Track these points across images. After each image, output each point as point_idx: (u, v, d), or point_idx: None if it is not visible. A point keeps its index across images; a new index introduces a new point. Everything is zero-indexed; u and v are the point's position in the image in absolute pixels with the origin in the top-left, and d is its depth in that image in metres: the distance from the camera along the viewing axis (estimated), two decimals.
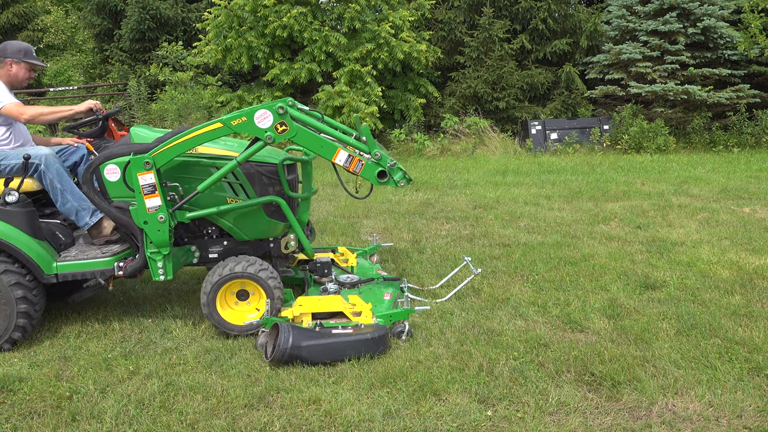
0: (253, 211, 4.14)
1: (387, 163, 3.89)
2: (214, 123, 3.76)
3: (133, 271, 3.98)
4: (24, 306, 3.82)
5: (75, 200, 4.10)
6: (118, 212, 3.90)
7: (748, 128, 14.08)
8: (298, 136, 3.81)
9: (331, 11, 14.27)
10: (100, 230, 4.21)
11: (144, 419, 3.03)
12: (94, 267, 3.95)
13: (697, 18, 14.10)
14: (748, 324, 3.97)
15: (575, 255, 5.63)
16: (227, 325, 3.98)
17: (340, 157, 3.87)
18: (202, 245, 4.28)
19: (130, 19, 17.14)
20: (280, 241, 4.36)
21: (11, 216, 3.84)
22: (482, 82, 15.18)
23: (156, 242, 3.84)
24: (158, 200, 3.77)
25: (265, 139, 3.75)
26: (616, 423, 2.94)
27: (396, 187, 4.00)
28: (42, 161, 4.04)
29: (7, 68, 4.29)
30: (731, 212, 7.30)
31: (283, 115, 3.73)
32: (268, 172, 4.13)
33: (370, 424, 2.95)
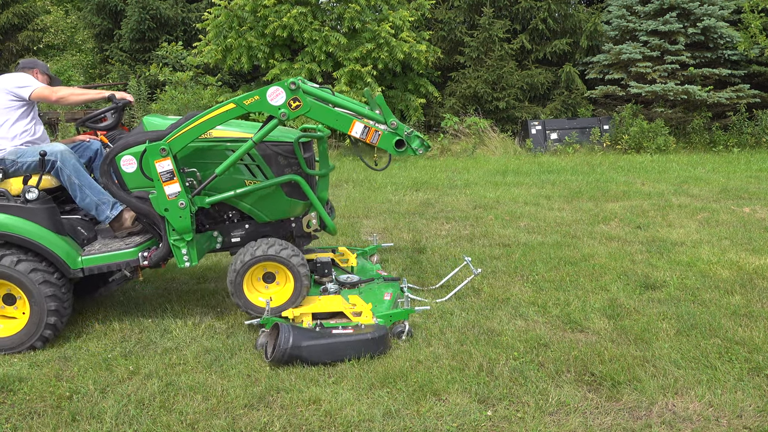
0: (272, 191, 4.11)
1: (404, 131, 3.88)
2: (227, 104, 3.74)
3: (158, 260, 3.99)
4: (54, 304, 3.83)
5: (94, 195, 4.11)
6: (139, 202, 3.90)
7: (748, 128, 14.08)
8: (313, 111, 3.79)
9: (331, 11, 14.27)
10: (121, 222, 4.22)
11: (144, 419, 3.04)
12: (118, 259, 3.96)
13: (697, 18, 14.10)
14: (748, 324, 3.97)
15: (575, 255, 5.63)
16: (254, 308, 3.97)
17: (356, 128, 3.85)
18: (224, 230, 4.27)
19: (130, 19, 17.14)
20: (302, 221, 4.35)
21: (33, 213, 3.85)
22: (482, 82, 15.17)
23: (178, 229, 3.83)
24: (177, 186, 3.76)
25: (279, 116, 3.74)
26: (616, 423, 2.94)
27: (414, 155, 3.97)
28: (58, 157, 4.05)
29: (33, 75, 4.45)
30: (731, 212, 7.30)
31: (295, 91, 3.72)
32: (284, 152, 4.11)
33: (370, 424, 2.95)
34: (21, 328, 3.84)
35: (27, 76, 4.30)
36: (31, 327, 3.82)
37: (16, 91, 4.19)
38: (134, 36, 17.33)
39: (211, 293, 4.89)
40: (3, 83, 4.21)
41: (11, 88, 4.19)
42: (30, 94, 4.19)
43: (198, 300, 4.75)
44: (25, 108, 4.27)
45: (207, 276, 5.40)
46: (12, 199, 3.89)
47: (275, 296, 4.02)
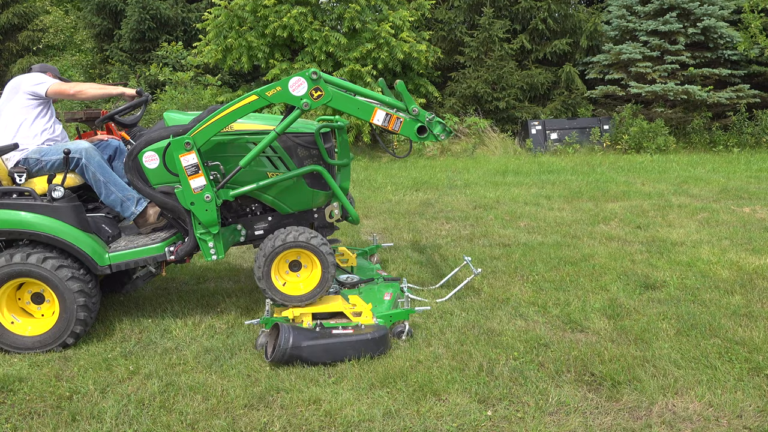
0: (295, 183, 4.12)
1: (425, 117, 3.88)
2: (249, 96, 3.74)
3: (184, 255, 4.00)
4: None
5: (119, 191, 4.12)
6: (164, 197, 3.90)
7: (748, 128, 14.09)
8: (334, 100, 3.79)
9: (331, 11, 14.27)
10: (146, 218, 4.22)
11: (144, 419, 3.03)
12: (145, 254, 3.98)
13: (697, 18, 14.10)
14: (748, 324, 3.97)
15: (575, 255, 5.62)
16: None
17: (378, 116, 3.86)
18: (247, 223, 4.27)
19: (130, 19, 17.14)
20: (324, 211, 4.35)
21: (59, 212, 3.86)
22: (482, 82, 15.18)
23: (205, 222, 3.84)
24: (203, 180, 3.76)
25: (301, 106, 3.74)
26: (616, 423, 2.94)
27: (436, 141, 3.98)
28: (83, 155, 4.06)
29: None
30: (731, 212, 7.30)
31: (316, 81, 3.72)
32: (305, 143, 4.12)
33: (370, 424, 2.95)
34: (51, 327, 3.85)
35: (41, 74, 4.31)
36: (61, 325, 3.83)
37: (33, 89, 4.19)
38: (134, 36, 17.33)
39: (211, 293, 4.89)
40: (19, 84, 4.23)
41: (27, 87, 4.20)
42: (46, 91, 4.20)
43: (198, 300, 4.76)
44: (43, 107, 4.28)
45: (207, 276, 5.40)
46: (38, 198, 3.90)
47: (303, 284, 4.03)
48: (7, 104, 4.22)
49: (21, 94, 4.19)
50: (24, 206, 3.84)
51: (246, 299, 4.73)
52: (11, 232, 3.82)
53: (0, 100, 4.28)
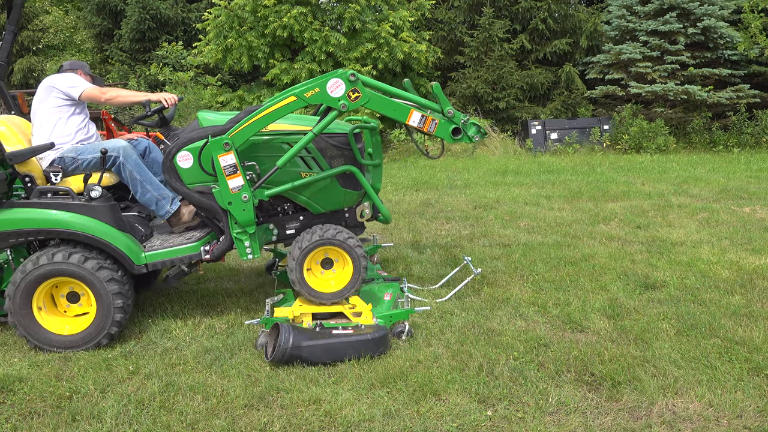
0: (328, 183, 4.16)
1: (460, 119, 3.93)
2: (288, 97, 3.77)
3: (220, 254, 4.02)
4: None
5: (154, 190, 4.14)
6: (201, 197, 3.92)
7: (748, 128, 14.09)
8: (371, 102, 3.83)
9: (331, 11, 14.27)
10: (179, 217, 4.25)
11: (144, 419, 3.03)
12: (181, 253, 4.00)
13: (697, 18, 14.10)
14: (748, 324, 3.97)
15: (575, 255, 5.62)
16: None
17: (414, 118, 3.91)
18: (278, 222, 4.29)
19: (130, 19, 17.13)
20: (355, 211, 4.38)
21: (97, 211, 3.87)
22: (482, 82, 15.18)
23: (242, 222, 3.86)
24: (240, 180, 3.79)
25: (339, 107, 3.78)
26: (616, 423, 2.94)
27: (470, 142, 4.03)
28: (120, 153, 4.07)
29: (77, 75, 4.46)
30: (731, 212, 7.30)
31: (354, 82, 3.76)
32: (339, 143, 4.16)
33: (370, 424, 2.95)
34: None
35: (75, 76, 4.31)
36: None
37: (67, 91, 4.20)
38: (134, 36, 17.33)
39: (211, 293, 4.89)
40: (53, 83, 4.23)
41: (61, 87, 4.20)
42: (80, 95, 4.21)
43: (198, 300, 4.76)
44: (76, 107, 4.29)
45: (207, 276, 5.40)
46: (76, 198, 3.92)
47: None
48: (41, 104, 4.21)
49: (55, 94, 4.19)
50: (62, 206, 3.86)
51: (246, 299, 4.73)
52: (49, 231, 3.84)
53: (34, 99, 4.27)
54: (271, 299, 4.09)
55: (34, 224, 3.81)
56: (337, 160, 4.15)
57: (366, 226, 4.65)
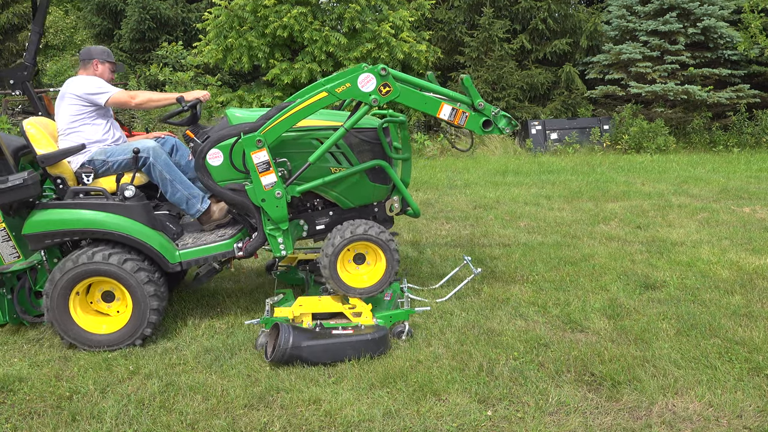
0: (358, 178, 4.18)
1: (491, 111, 3.96)
2: (319, 93, 3.78)
3: (253, 251, 4.03)
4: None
5: (184, 189, 4.14)
6: (234, 194, 3.93)
7: (748, 128, 14.08)
8: (402, 96, 3.86)
9: (331, 11, 14.27)
10: (210, 215, 4.25)
11: (144, 419, 3.03)
12: (214, 251, 4.01)
13: (697, 18, 14.10)
14: (748, 324, 3.97)
15: (575, 255, 5.62)
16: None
17: (444, 111, 3.93)
18: (308, 218, 4.30)
19: (130, 19, 17.13)
20: (384, 205, 4.40)
21: (131, 211, 3.90)
22: (482, 82, 15.18)
23: (275, 218, 3.88)
24: (273, 177, 3.80)
25: (370, 102, 3.80)
26: (616, 423, 2.94)
27: (501, 134, 4.04)
28: (150, 154, 4.08)
29: (93, 68, 4.39)
30: (731, 212, 7.30)
31: (385, 77, 3.78)
32: (368, 138, 4.19)
33: (370, 424, 2.95)
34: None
35: (98, 80, 4.24)
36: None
37: (91, 98, 4.15)
38: (134, 36, 17.32)
39: (211, 293, 4.89)
40: (75, 88, 4.16)
41: (83, 94, 4.14)
42: (106, 102, 4.17)
43: (198, 300, 4.75)
44: (99, 110, 4.25)
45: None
46: (110, 198, 3.94)
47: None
48: (66, 106, 4.17)
49: (75, 101, 4.15)
50: (97, 206, 3.88)
51: (246, 299, 4.73)
52: (84, 231, 3.85)
53: (56, 102, 4.25)
54: (271, 299, 4.09)
55: (69, 225, 3.83)
56: (366, 155, 4.18)
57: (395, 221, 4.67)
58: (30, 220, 3.84)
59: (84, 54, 4.42)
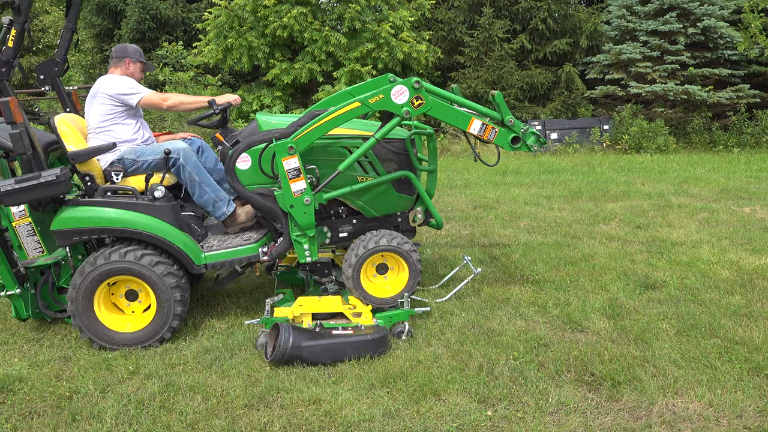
0: (384, 187, 4.22)
1: (520, 128, 4.01)
2: (353, 102, 3.82)
3: (277, 255, 4.05)
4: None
5: (212, 192, 4.16)
6: (262, 199, 3.95)
7: (748, 128, 14.08)
8: (434, 109, 3.91)
9: (331, 11, 14.27)
10: (235, 218, 4.27)
11: (144, 419, 3.03)
12: (240, 255, 4.03)
13: (697, 18, 14.10)
14: (748, 324, 3.97)
15: (575, 255, 5.62)
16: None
17: (474, 126, 3.98)
18: (331, 225, 4.33)
19: (130, 19, 17.13)
20: (408, 215, 4.44)
21: (160, 211, 3.91)
22: (482, 82, 15.18)
23: (302, 225, 3.91)
24: (303, 184, 3.83)
25: (402, 114, 3.84)
26: (616, 423, 2.94)
27: (529, 151, 4.10)
28: (181, 155, 4.09)
29: (125, 67, 4.39)
30: (731, 212, 7.30)
31: (418, 90, 3.83)
32: (396, 149, 4.24)
33: (370, 424, 2.95)
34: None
35: (131, 81, 4.24)
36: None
37: (123, 99, 4.16)
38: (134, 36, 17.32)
39: (211, 293, 4.89)
40: (107, 88, 4.17)
41: (115, 94, 4.15)
42: (137, 102, 4.18)
43: (198, 300, 4.75)
44: (129, 110, 4.26)
45: (207, 276, 5.40)
46: (140, 197, 3.95)
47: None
48: (98, 105, 4.18)
49: (106, 100, 4.15)
50: (127, 205, 3.89)
51: (246, 299, 4.73)
52: (113, 230, 3.86)
53: (87, 100, 4.25)
54: (271, 299, 4.10)
55: (99, 222, 3.84)
56: (392, 165, 4.24)
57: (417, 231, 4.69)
58: (60, 216, 3.85)
59: (119, 51, 4.41)
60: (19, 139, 3.63)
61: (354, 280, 4.02)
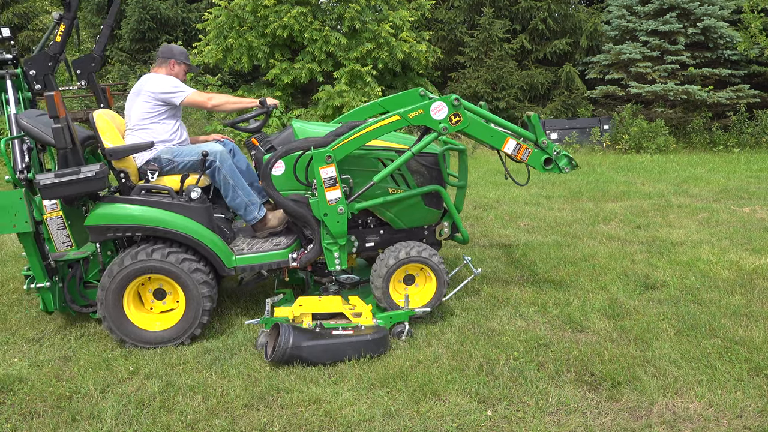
0: (415, 200, 4.27)
1: (553, 150, 4.06)
2: (392, 116, 3.88)
3: (307, 262, 4.07)
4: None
5: (245, 195, 4.18)
6: (296, 205, 3.98)
7: (748, 128, 14.08)
8: (471, 127, 3.96)
9: (331, 11, 14.28)
10: (265, 223, 4.29)
11: (144, 419, 3.03)
12: (270, 259, 4.04)
13: (697, 18, 14.10)
14: (748, 324, 3.97)
15: (575, 255, 5.62)
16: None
17: (509, 145, 4.04)
18: (359, 235, 4.35)
19: (130, 19, 17.14)
20: (434, 229, 4.48)
21: (195, 212, 3.93)
22: (482, 82, 15.19)
23: (335, 233, 3.94)
24: (338, 193, 3.87)
25: (440, 130, 3.90)
26: (616, 423, 2.94)
27: (560, 173, 4.17)
28: (218, 158, 4.10)
29: (170, 68, 4.41)
30: (731, 212, 7.30)
31: (457, 107, 3.88)
32: (428, 163, 4.29)
33: (370, 424, 2.95)
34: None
35: (174, 80, 4.26)
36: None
37: (166, 98, 4.18)
38: (134, 36, 17.34)
39: None
40: (152, 86, 4.19)
41: (159, 93, 4.17)
42: (182, 101, 4.20)
43: None
44: (171, 110, 4.28)
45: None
46: (176, 197, 3.96)
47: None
48: (141, 103, 4.19)
49: (149, 99, 4.17)
50: (163, 204, 3.90)
51: (246, 299, 4.73)
52: (147, 228, 3.87)
53: (131, 94, 4.26)
54: (271, 299, 4.10)
55: (135, 221, 3.86)
56: (422, 178, 4.29)
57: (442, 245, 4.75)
58: (95, 212, 3.86)
59: (165, 52, 4.43)
60: (61, 133, 3.65)
61: (383, 290, 4.06)
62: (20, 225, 3.77)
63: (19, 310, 4.54)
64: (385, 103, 4.56)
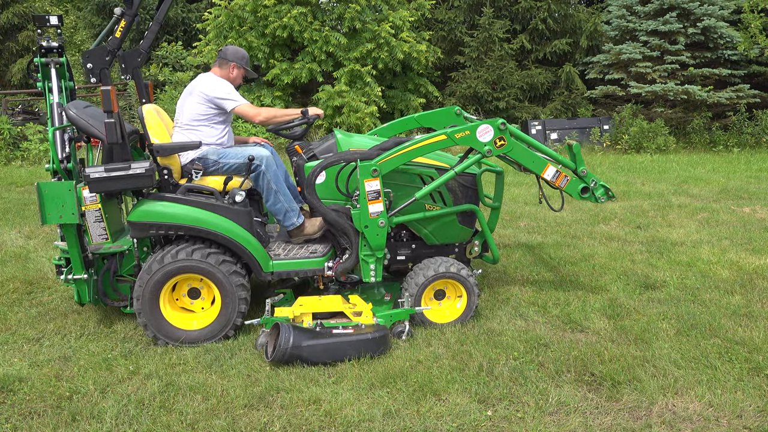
0: (450, 218, 4.35)
1: (591, 180, 4.17)
2: (439, 135, 3.96)
3: (342, 271, 4.10)
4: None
5: (286, 201, 4.20)
6: (336, 215, 4.02)
7: (748, 128, 14.08)
8: (514, 151, 4.05)
9: (331, 11, 14.28)
10: (302, 230, 4.31)
11: (144, 419, 3.03)
12: (306, 266, 4.07)
13: (697, 18, 14.10)
14: (748, 324, 3.97)
15: (575, 255, 5.62)
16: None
17: (549, 172, 4.14)
18: (391, 248, 4.38)
19: None
20: (465, 247, 4.55)
21: (238, 215, 3.95)
22: (482, 82, 15.18)
23: (373, 245, 3.98)
24: (381, 206, 3.91)
25: (484, 152, 3.98)
26: (616, 423, 2.94)
27: (596, 202, 4.28)
28: (263, 163, 4.12)
29: (229, 71, 4.44)
30: (731, 212, 7.30)
31: (503, 131, 3.97)
32: (466, 182, 4.40)
33: (370, 424, 2.95)
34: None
35: (229, 86, 4.29)
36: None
37: (219, 102, 4.21)
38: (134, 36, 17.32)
39: None
40: (206, 88, 4.21)
41: (213, 97, 4.20)
42: (232, 109, 4.24)
43: None
44: (222, 114, 4.30)
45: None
46: (220, 199, 3.98)
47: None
48: (194, 104, 4.22)
49: (203, 101, 4.20)
50: (207, 205, 3.92)
51: None
52: (191, 228, 3.88)
53: (185, 92, 4.28)
54: (271, 299, 4.10)
55: (178, 219, 3.87)
56: (458, 197, 4.37)
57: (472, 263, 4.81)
58: (140, 209, 3.87)
59: (230, 54, 4.44)
60: (113, 128, 3.66)
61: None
62: (67, 216, 3.80)
63: (19, 310, 4.54)
64: (422, 118, 4.68)
